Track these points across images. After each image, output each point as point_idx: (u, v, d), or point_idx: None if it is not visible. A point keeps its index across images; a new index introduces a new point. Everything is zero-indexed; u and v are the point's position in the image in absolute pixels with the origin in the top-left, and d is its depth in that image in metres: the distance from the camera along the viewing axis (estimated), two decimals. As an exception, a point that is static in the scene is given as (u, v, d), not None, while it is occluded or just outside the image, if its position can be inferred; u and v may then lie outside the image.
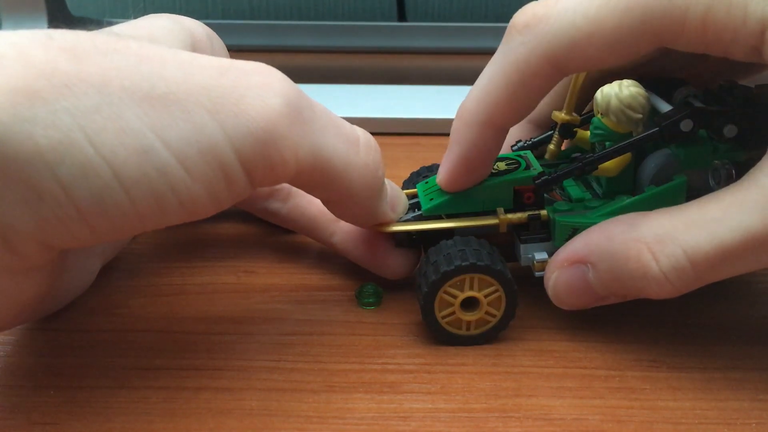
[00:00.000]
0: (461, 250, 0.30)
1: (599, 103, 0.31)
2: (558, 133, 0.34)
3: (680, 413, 0.27)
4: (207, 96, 0.25)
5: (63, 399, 0.28)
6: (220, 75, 0.25)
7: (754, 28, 0.26)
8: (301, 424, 0.27)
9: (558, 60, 0.28)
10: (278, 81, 0.26)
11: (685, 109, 0.30)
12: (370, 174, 0.29)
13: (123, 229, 0.25)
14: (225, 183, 0.25)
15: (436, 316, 0.30)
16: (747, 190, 0.26)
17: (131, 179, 0.24)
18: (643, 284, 0.28)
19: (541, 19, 0.28)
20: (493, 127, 0.30)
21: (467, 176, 0.31)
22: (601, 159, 0.30)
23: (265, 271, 0.36)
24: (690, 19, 0.26)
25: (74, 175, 0.23)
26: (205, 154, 0.24)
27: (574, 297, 0.30)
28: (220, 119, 0.24)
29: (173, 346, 0.31)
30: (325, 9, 0.74)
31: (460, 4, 0.74)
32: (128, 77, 0.24)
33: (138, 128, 0.23)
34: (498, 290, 0.30)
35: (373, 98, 0.53)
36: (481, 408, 0.28)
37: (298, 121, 0.26)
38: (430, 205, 0.32)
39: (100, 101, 0.23)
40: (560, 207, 0.31)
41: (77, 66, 0.23)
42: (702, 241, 0.26)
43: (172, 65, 0.25)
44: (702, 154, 0.31)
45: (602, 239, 0.28)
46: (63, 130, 0.23)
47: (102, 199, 0.23)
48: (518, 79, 0.29)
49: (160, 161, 0.24)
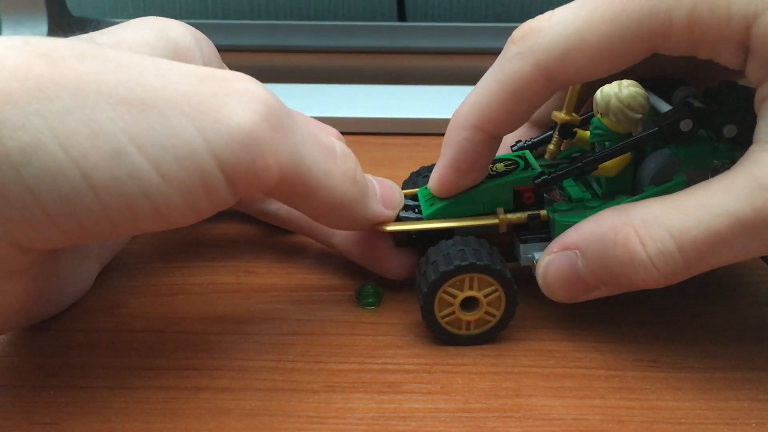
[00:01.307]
0: (461, 249, 0.30)
1: (599, 103, 0.31)
2: (558, 133, 0.34)
3: (680, 413, 0.27)
4: (187, 102, 0.24)
5: (63, 399, 0.28)
6: (199, 82, 0.25)
7: (739, 24, 0.26)
8: (301, 424, 0.27)
9: (550, 71, 0.28)
10: (258, 88, 0.26)
11: (685, 109, 0.30)
12: (349, 182, 0.29)
13: (95, 232, 0.24)
14: (204, 191, 0.25)
15: (435, 316, 0.30)
16: (735, 177, 0.27)
17: (102, 183, 0.23)
18: (630, 270, 0.27)
19: (535, 31, 0.29)
20: (485, 133, 0.30)
21: (457, 179, 0.31)
22: (600, 159, 0.30)
23: (265, 271, 0.36)
24: (675, 21, 0.26)
25: (41, 178, 0.23)
26: (182, 160, 0.24)
27: (563, 286, 0.29)
28: (199, 125, 0.24)
29: (173, 346, 0.31)
30: (325, 9, 0.74)
31: (460, 4, 0.74)
32: (105, 82, 0.24)
33: (111, 132, 0.23)
34: (498, 290, 0.30)
35: (373, 98, 0.53)
36: (481, 408, 0.28)
37: (279, 128, 0.26)
38: (431, 210, 0.32)
39: (73, 105, 0.23)
40: (560, 207, 0.31)
41: (52, 70, 0.23)
42: (689, 225, 0.26)
43: (150, 72, 0.25)
44: (702, 153, 0.31)
45: (592, 224, 0.29)
46: (32, 132, 0.22)
47: (71, 202, 0.23)
48: (512, 88, 0.29)
49: (134, 165, 0.23)
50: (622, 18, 0.27)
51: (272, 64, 0.65)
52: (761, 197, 0.26)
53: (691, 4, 0.26)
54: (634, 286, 0.28)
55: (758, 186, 0.26)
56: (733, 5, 0.26)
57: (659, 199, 0.28)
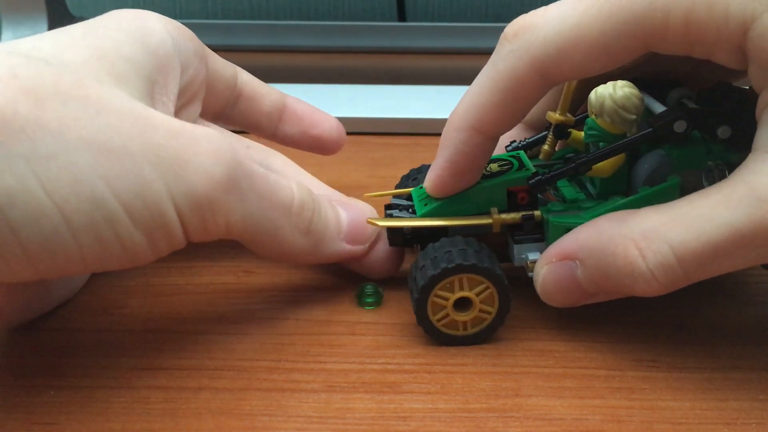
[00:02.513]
0: (447, 251, 0.30)
1: (593, 104, 0.31)
2: (552, 133, 0.34)
3: (680, 413, 0.27)
4: (157, 155, 0.26)
5: (63, 399, 0.28)
6: (171, 137, 0.27)
7: (737, 27, 0.26)
8: (301, 424, 0.27)
9: (545, 68, 0.28)
10: (225, 152, 0.27)
11: (679, 110, 0.30)
12: (300, 234, 0.31)
13: (65, 270, 0.26)
14: (165, 235, 0.27)
15: (431, 320, 0.30)
16: (734, 187, 0.26)
17: (81, 226, 0.25)
18: (630, 281, 0.27)
19: (528, 28, 0.28)
20: (482, 134, 0.30)
21: (453, 181, 0.31)
22: (595, 159, 0.30)
23: (265, 271, 0.36)
24: (672, 20, 0.26)
25: (25, 219, 0.24)
26: (150, 207, 0.26)
27: (562, 293, 0.30)
28: (166, 178, 0.26)
29: (173, 346, 0.31)
30: (325, 9, 0.74)
31: (460, 4, 0.74)
32: (85, 127, 0.25)
33: (91, 178, 0.25)
34: (489, 287, 0.30)
35: (373, 98, 0.53)
36: (481, 408, 0.28)
37: (234, 191, 0.28)
38: (425, 210, 0.32)
39: (56, 149, 0.24)
40: (554, 207, 0.31)
41: (36, 111, 0.24)
42: (689, 238, 0.26)
43: (128, 120, 0.26)
44: (696, 155, 0.31)
45: (591, 235, 0.29)
46: (17, 175, 0.24)
47: (49, 242, 0.25)
48: (506, 86, 0.29)
49: (109, 211, 0.25)
50: (618, 15, 0.27)
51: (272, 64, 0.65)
52: (760, 209, 0.25)
53: (688, 3, 0.26)
54: (634, 294, 0.28)
55: (757, 198, 0.26)
56: (731, 6, 0.26)
57: (658, 209, 0.28)
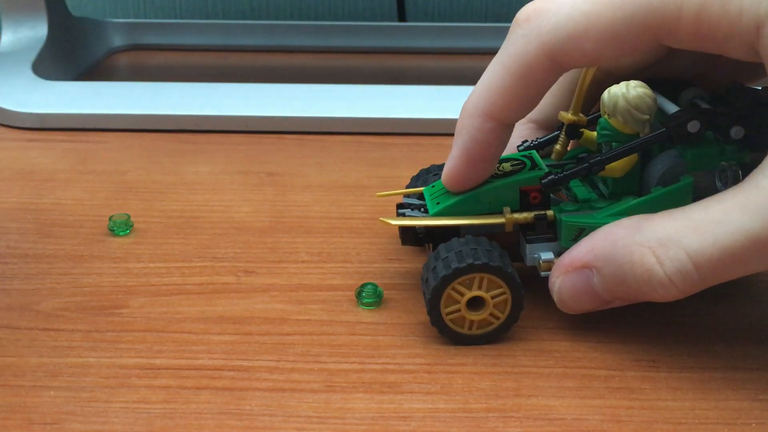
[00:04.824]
0: (473, 248, 0.30)
1: (606, 104, 0.31)
2: (564, 133, 0.34)
3: (680, 413, 0.27)
4: None
5: (63, 399, 0.28)
6: None
7: (750, 24, 0.26)
8: (301, 424, 0.27)
9: (555, 53, 0.28)
10: None
11: (692, 110, 0.30)
12: None
13: None
14: None
15: (440, 312, 0.30)
16: (748, 192, 0.26)
17: None
18: (648, 288, 0.28)
19: (540, 12, 0.28)
20: (495, 120, 0.30)
21: (468, 171, 0.31)
22: (607, 159, 0.30)
23: (265, 271, 0.36)
24: (685, 14, 0.26)
25: None
26: None
27: (579, 302, 0.30)
28: None
29: (173, 346, 0.31)
30: (325, 9, 0.74)
31: (460, 4, 0.74)
32: None
33: None
34: (505, 293, 0.30)
35: (373, 98, 0.53)
36: (481, 408, 0.28)
37: None
38: (437, 209, 0.32)
39: None
40: (567, 207, 0.31)
41: None
42: (705, 244, 0.26)
43: None
44: (709, 155, 0.31)
45: (606, 244, 0.28)
46: None
47: None
48: (518, 71, 0.29)
49: None
50: (630, 4, 0.27)
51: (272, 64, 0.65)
52: None
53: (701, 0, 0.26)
54: (651, 300, 0.28)
55: None
56: (745, 3, 0.25)
57: (672, 215, 0.28)
